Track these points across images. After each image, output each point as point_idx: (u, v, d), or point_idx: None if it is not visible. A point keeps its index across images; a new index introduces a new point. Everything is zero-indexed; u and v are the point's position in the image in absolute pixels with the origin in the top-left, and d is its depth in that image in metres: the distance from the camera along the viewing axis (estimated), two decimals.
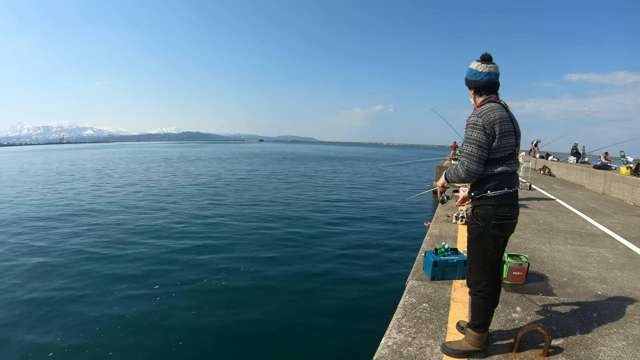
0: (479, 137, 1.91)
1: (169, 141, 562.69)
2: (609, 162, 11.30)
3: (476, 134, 1.92)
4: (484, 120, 1.91)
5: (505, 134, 1.93)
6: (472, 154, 1.93)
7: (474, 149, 1.93)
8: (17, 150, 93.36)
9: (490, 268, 2.06)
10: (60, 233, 8.58)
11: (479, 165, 1.94)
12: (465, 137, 1.98)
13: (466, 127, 1.99)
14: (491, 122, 1.91)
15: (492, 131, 1.91)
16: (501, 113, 1.95)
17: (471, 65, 2.07)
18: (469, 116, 2.01)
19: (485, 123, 1.91)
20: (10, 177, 22.07)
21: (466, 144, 1.97)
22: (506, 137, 1.94)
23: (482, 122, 1.91)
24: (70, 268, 6.31)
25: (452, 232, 4.95)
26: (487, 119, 1.91)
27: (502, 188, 1.96)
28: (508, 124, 1.95)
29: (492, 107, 1.95)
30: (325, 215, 10.84)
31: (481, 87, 2.04)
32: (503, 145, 1.94)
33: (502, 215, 1.97)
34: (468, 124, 1.97)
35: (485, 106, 1.98)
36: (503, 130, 1.92)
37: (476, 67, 2.04)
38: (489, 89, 2.04)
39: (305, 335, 4.30)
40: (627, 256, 4.17)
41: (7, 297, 5.21)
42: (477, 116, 1.94)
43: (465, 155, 1.96)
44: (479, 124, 1.92)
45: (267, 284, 5.68)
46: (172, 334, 4.23)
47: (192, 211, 11.18)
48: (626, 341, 2.30)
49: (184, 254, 7.02)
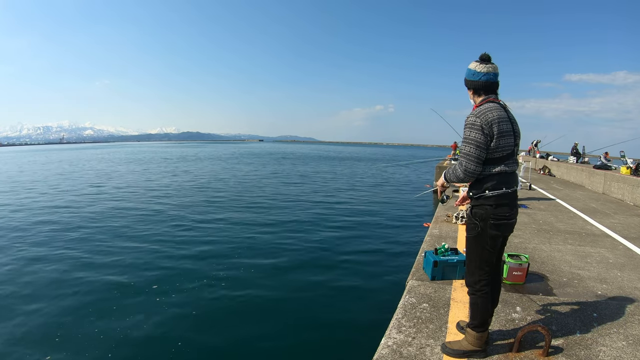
0: (477, 137, 1.92)
1: (169, 141, 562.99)
2: (609, 162, 11.30)
3: (474, 134, 1.93)
4: (482, 120, 1.92)
5: (504, 134, 1.93)
6: (470, 153, 1.94)
7: (472, 149, 1.93)
8: (18, 151, 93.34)
9: (489, 268, 2.06)
10: (59, 237, 8.58)
11: (477, 165, 1.94)
12: (464, 137, 1.98)
13: (464, 127, 2.00)
14: (489, 122, 1.91)
15: (491, 131, 1.91)
16: (500, 113, 1.95)
17: (470, 66, 2.08)
18: (467, 116, 2.01)
19: (484, 123, 1.91)
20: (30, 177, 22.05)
21: (464, 143, 1.98)
22: (504, 137, 1.94)
23: (480, 122, 1.92)
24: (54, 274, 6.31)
25: (452, 232, 4.95)
26: (485, 119, 1.92)
27: (501, 188, 1.96)
28: (507, 124, 1.95)
29: (490, 107, 1.96)
30: (326, 215, 10.84)
31: (480, 87, 2.05)
32: (501, 145, 1.94)
33: (500, 215, 1.97)
34: (466, 124, 1.98)
35: (483, 106, 1.98)
36: (501, 130, 1.93)
37: (475, 68, 2.05)
38: (487, 89, 2.04)
39: (305, 335, 4.30)
40: (627, 256, 4.17)
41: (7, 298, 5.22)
42: (475, 116, 1.95)
43: (464, 155, 1.97)
44: (476, 124, 1.93)
45: (267, 284, 5.68)
46: (169, 340, 4.22)
47: (192, 215, 11.18)
48: (626, 341, 2.30)
49: (183, 259, 7.01)
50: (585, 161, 14.72)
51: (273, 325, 4.50)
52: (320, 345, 4.12)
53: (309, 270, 6.28)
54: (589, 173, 10.83)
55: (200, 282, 5.69)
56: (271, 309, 4.92)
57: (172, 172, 25.24)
